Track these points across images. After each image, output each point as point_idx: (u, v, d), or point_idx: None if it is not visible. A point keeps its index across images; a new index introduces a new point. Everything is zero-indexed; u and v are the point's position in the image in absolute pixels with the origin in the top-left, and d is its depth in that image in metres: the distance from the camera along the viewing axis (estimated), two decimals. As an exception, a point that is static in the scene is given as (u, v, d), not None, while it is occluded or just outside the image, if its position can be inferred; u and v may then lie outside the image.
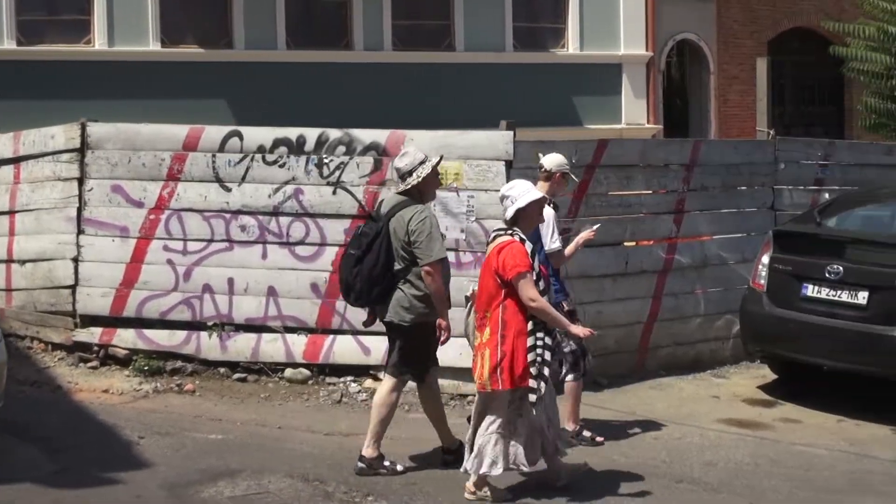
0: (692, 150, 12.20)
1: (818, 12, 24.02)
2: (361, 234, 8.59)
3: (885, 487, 8.57)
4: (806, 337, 10.62)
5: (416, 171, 8.41)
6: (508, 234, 7.93)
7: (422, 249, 8.28)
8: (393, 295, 8.44)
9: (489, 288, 7.90)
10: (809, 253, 10.86)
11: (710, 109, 23.52)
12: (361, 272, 8.44)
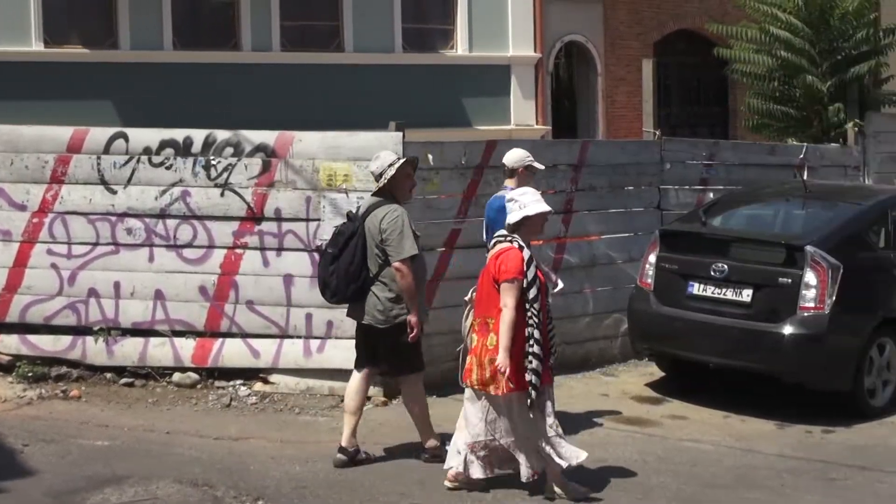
0: (580, 150, 12.31)
1: (703, 15, 24.37)
2: (338, 234, 8.83)
3: (769, 482, 8.73)
4: (692, 335, 10.78)
5: (385, 174, 8.65)
6: (508, 241, 8.07)
7: (393, 247, 8.52)
8: (368, 295, 8.66)
9: (490, 293, 8.05)
10: (695, 252, 11.03)
11: (597, 110, 23.75)
12: (338, 270, 8.68)
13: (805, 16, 16.43)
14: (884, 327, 10.65)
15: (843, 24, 16.52)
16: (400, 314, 8.67)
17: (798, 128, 16.65)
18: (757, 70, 16.91)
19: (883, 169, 16.04)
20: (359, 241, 8.65)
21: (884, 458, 9.34)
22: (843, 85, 16.45)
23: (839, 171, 15.25)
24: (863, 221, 11.15)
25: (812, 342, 10.21)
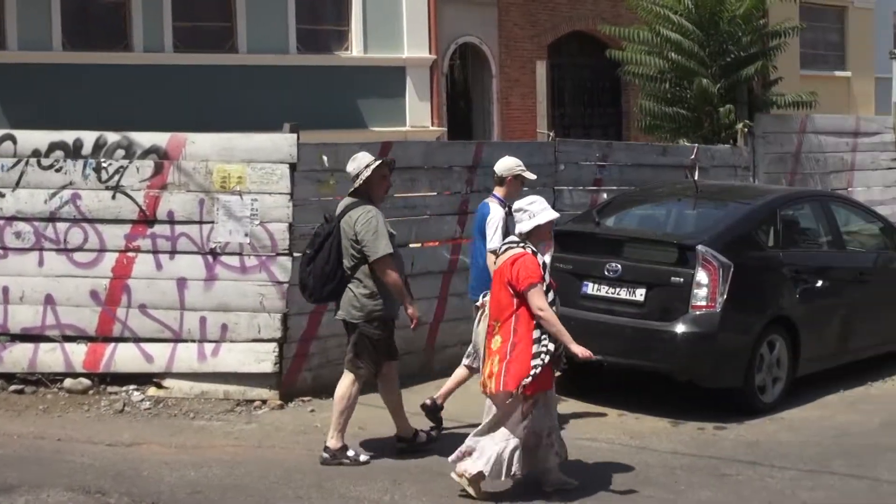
0: (475, 151, 12.36)
1: (596, 17, 24.62)
2: (315, 235, 9.12)
3: (663, 479, 8.82)
4: (587, 334, 10.73)
5: (361, 175, 8.87)
6: (521, 247, 8.21)
7: (369, 247, 8.74)
8: (344, 293, 8.88)
9: (502, 298, 8.18)
10: (589, 252, 11.13)
11: (492, 112, 23.85)
12: (314, 271, 8.94)
13: (695, 18, 16.64)
14: (773, 325, 10.85)
15: (732, 28, 16.78)
16: (375, 310, 8.89)
17: (689, 129, 16.85)
18: (649, 72, 17.08)
19: (771, 169, 16.36)
20: (334, 242, 8.88)
21: (774, 453, 9.50)
22: (733, 87, 16.69)
23: (729, 172, 15.52)
24: (752, 221, 11.34)
25: (704, 340, 10.35)
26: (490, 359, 8.20)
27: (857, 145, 18.07)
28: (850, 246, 12.36)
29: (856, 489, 8.68)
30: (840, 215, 12.46)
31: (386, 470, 8.84)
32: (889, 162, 18.64)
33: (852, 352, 11.98)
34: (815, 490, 8.60)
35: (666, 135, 17.18)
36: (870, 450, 9.59)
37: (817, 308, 11.33)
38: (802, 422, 10.54)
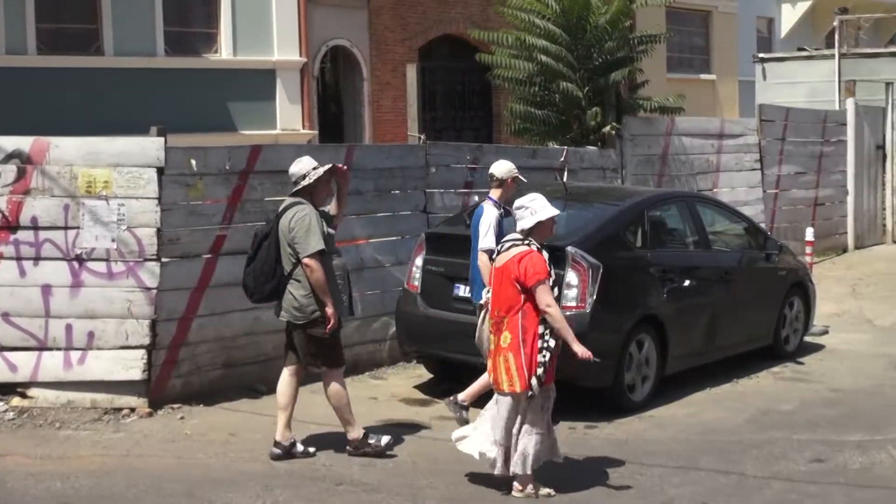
0: (346, 155, 12.32)
1: (466, 21, 24.77)
2: (254, 235, 9.23)
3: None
4: (459, 336, 10.88)
5: (308, 175, 9.05)
6: (526, 244, 8.32)
7: (300, 244, 8.85)
8: (285, 294, 9.02)
9: (509, 295, 8.28)
10: (460, 254, 11.13)
11: (363, 115, 23.84)
12: (254, 271, 9.10)
13: (563, 23, 16.81)
14: (642, 324, 11.00)
15: (598, 33, 16.98)
16: (316, 310, 8.97)
17: (558, 131, 17.01)
18: (517, 75, 17.22)
19: (639, 171, 16.62)
20: (272, 242, 9.01)
21: (643, 451, 9.63)
22: (601, 90, 16.90)
23: (598, 174, 15.72)
24: (621, 222, 11.49)
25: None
26: (500, 355, 8.29)
27: (722, 147, 18.46)
28: (716, 246, 12.59)
29: (722, 484, 8.84)
30: (706, 216, 12.69)
31: (258, 476, 8.76)
32: (753, 163, 19.09)
33: (719, 350, 12.21)
34: (682, 486, 8.74)
35: (536, 137, 17.33)
36: (736, 446, 9.79)
37: (684, 307, 11.52)
38: (671, 419, 10.71)
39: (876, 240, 22.85)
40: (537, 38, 16.74)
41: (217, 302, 10.96)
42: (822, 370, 12.72)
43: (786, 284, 13.19)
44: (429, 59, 25.11)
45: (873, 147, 22.50)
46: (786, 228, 19.55)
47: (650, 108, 17.66)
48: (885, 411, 11.01)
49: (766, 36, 36.32)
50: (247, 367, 11.26)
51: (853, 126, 21.79)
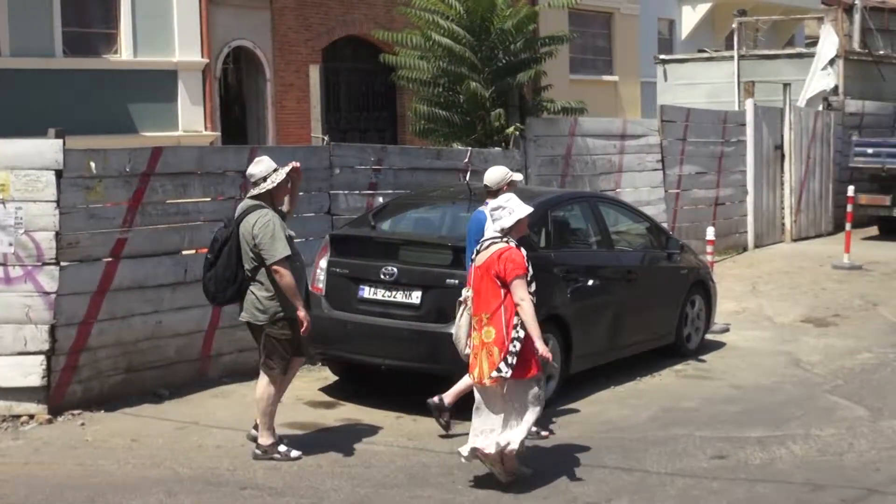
0: (249, 156, 12.21)
1: (370, 22, 24.74)
2: (214, 240, 9.25)
3: (441, 479, 8.90)
4: (364, 337, 10.88)
5: (270, 178, 9.09)
6: (505, 242, 8.68)
7: (266, 250, 8.92)
8: (247, 295, 9.10)
9: (490, 291, 8.63)
10: (365, 255, 11.14)
11: (267, 116, 23.70)
12: (215, 275, 9.13)
13: (467, 24, 16.85)
14: (546, 323, 10.99)
15: (503, 34, 17.04)
16: (278, 311, 9.06)
17: (463, 132, 17.04)
18: (422, 76, 17.22)
19: (543, 171, 16.71)
20: (233, 246, 9.06)
21: (547, 450, 9.67)
22: (505, 91, 16.96)
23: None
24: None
25: (479, 341, 10.46)
26: (485, 350, 8.56)
27: (625, 147, 18.64)
28: (619, 245, 12.71)
29: (626, 482, 8.92)
30: (609, 216, 12.80)
31: (160, 481, 8.66)
32: (654, 163, 19.29)
33: (622, 348, 12.32)
34: (587, 484, 8.80)
35: (440, 138, 17.34)
36: (639, 443, 9.88)
37: (588, 306, 11.60)
38: (575, 417, 10.78)
39: (775, 238, 23.22)
40: (441, 38, 16.75)
41: (118, 306, 10.82)
42: (723, 367, 12.90)
43: (687, 283, 13.35)
44: (333, 59, 25.05)
45: (772, 147, 22.87)
46: (687, 228, 19.80)
47: (554, 110, 17.77)
48: (785, 407, 11.19)
49: (667, 37, 36.74)
50: (149, 371, 11.13)
51: (752, 126, 22.11)
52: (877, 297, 17.32)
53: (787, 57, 28.23)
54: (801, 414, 10.92)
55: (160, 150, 11.42)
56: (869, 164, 23.73)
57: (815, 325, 15.29)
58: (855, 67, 28.20)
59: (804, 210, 23.98)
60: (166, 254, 11.33)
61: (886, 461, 9.42)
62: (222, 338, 11.77)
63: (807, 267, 20.12)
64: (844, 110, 26.10)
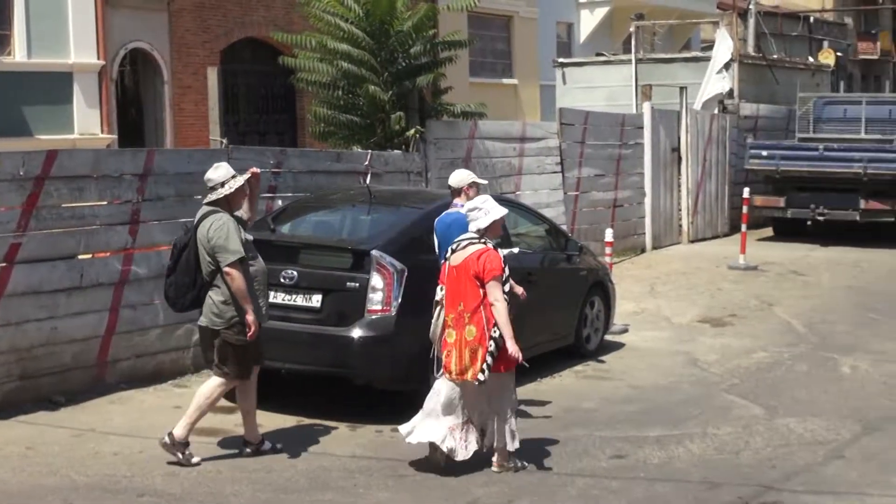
0: (146, 159, 12.09)
1: (269, 24, 24.60)
2: (174, 246, 9.33)
3: (343, 482, 8.88)
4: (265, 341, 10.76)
5: (228, 183, 9.15)
6: (482, 243, 8.99)
7: (220, 253, 8.98)
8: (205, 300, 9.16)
9: (469, 291, 8.93)
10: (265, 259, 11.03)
11: (165, 119, 23.45)
12: (175, 282, 9.22)
13: (366, 27, 16.81)
14: (447, 326, 11.06)
15: (402, 37, 17.03)
16: (234, 316, 9.08)
17: (363, 135, 16.99)
18: (321, 79, 17.14)
19: (443, 174, 16.69)
20: (191, 252, 9.13)
21: (450, 451, 9.70)
22: (405, 94, 16.96)
23: (403, 177, 15.78)
24: (425, 225, 11.50)
25: (380, 343, 10.47)
26: (467, 348, 8.89)
27: (524, 150, 18.75)
28: (519, 247, 12.76)
29: (527, 482, 8.96)
30: (509, 218, 12.80)
31: (57, 489, 8.52)
32: (554, 166, 19.44)
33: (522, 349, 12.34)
34: (488, 485, 8.83)
35: (340, 141, 17.28)
36: (540, 444, 9.92)
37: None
38: (477, 420, 10.80)
39: (673, 240, 23.53)
40: (340, 41, 16.70)
41: (12, 312, 10.62)
42: (622, 368, 13.03)
43: (586, 284, 13.47)
44: (231, 61, 24.87)
45: (669, 149, 23.17)
46: (586, 229, 19.98)
47: (454, 113, 17.82)
48: (683, 407, 11.34)
49: (565, 41, 37.06)
50: (44, 378, 10.93)
51: (650, 129, 22.39)
52: (772, 297, 17.63)
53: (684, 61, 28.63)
54: (699, 413, 11.08)
55: (55, 153, 11.23)
56: (763, 166, 24.14)
57: (712, 325, 15.52)
58: (749, 71, 28.70)
59: (701, 211, 24.33)
60: (62, 258, 11.14)
61: (781, 458, 9.59)
62: (119, 343, 11.61)
63: (703, 268, 20.42)
64: (739, 113, 26.55)
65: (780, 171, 23.73)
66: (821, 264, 21.02)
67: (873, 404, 11.42)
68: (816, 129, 26.17)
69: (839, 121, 26.29)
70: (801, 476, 9.14)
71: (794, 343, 14.29)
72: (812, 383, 12.29)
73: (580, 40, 37.04)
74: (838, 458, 9.64)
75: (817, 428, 10.49)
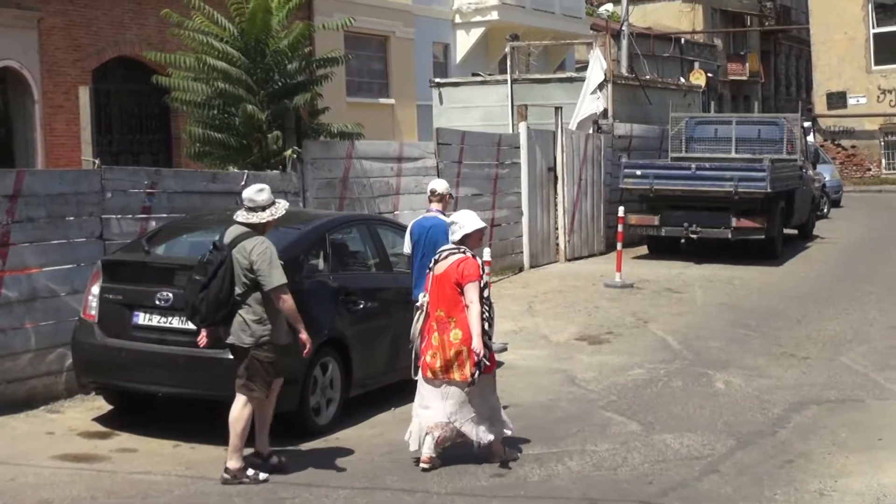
0: (15, 180, 11.82)
1: (142, 42, 24.27)
2: (207, 262, 9.42)
3: (221, 507, 8.77)
4: (139, 365, 10.63)
5: (270, 210, 9.58)
6: (462, 252, 9.87)
7: (265, 277, 9.30)
8: (234, 318, 9.35)
9: (451, 296, 9.76)
10: (139, 281, 10.89)
11: (35, 139, 22.96)
12: (208, 297, 9.28)
13: (241, 46, 16.67)
14: (326, 347, 11.02)
15: (278, 56, 16.92)
16: (264, 335, 9.37)
17: (239, 155, 16.83)
18: (196, 98, 16.93)
19: (321, 194, 16.67)
20: (227, 270, 9.30)
21: (330, 473, 9.65)
22: (281, 114, 16.84)
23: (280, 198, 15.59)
24: (302, 245, 11.47)
25: (259, 365, 10.35)
26: (453, 349, 9.69)
27: (402, 170, 18.76)
28: (398, 267, 12.76)
29: (408, 503, 8.94)
30: (387, 238, 12.86)
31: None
32: (431, 186, 19.43)
33: (402, 370, 12.33)
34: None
35: (216, 161, 17.09)
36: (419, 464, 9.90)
37: (367, 329, 11.62)
38: (356, 440, 10.77)
39: (550, 258, 23.71)
40: (215, 60, 16.53)
41: None
42: (501, 386, 12.93)
43: (465, 303, 13.47)
44: (104, 81, 24.49)
45: (545, 169, 23.36)
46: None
47: (331, 133, 17.75)
48: (562, 424, 11.42)
49: (442, 61, 37.22)
50: None
51: (526, 149, 22.55)
52: (647, 314, 17.86)
53: (559, 81, 28.94)
54: (577, 430, 11.16)
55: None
56: (638, 185, 24.45)
57: (590, 343, 15.67)
58: (623, 92, 29.10)
59: (577, 230, 24.58)
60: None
61: (658, 474, 9.71)
62: (-13, 368, 11.33)
63: (581, 286, 20.61)
64: (614, 133, 26.89)
65: (654, 189, 24.05)
66: (695, 281, 21.36)
67: (746, 419, 11.62)
68: (689, 148, 26.64)
69: (710, 140, 26.77)
70: (677, 491, 9.26)
71: (670, 360, 14.48)
72: (687, 399, 12.47)
73: (456, 60, 37.22)
74: (713, 472, 9.79)
75: (693, 443, 10.64)
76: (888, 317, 16.49)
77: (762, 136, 26.58)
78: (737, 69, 60.87)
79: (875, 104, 48.11)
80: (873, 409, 12.08)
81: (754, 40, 64.92)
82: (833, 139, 48.95)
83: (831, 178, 36.69)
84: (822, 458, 10.18)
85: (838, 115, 48.82)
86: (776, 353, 14.88)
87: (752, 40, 64.70)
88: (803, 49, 64.27)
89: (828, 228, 30.45)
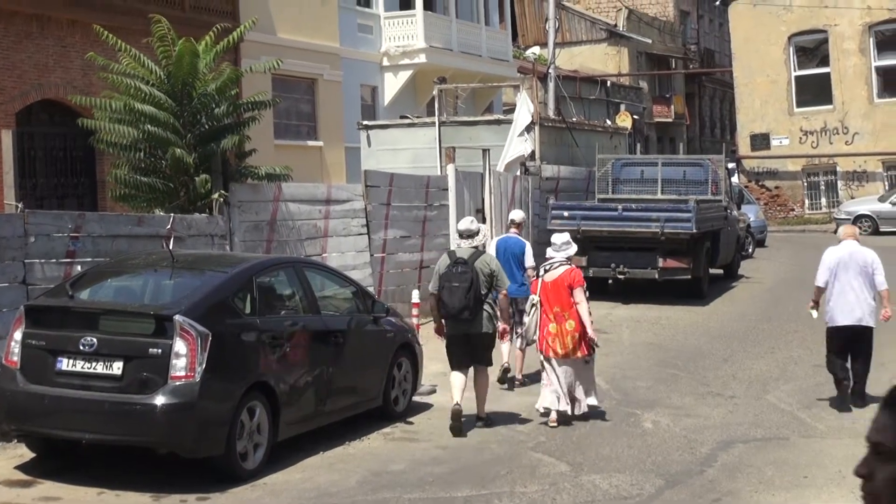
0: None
1: (66, 85, 24.05)
2: (462, 273, 12.76)
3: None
4: (62, 411, 10.47)
5: (482, 231, 13.46)
6: (570, 264, 13.68)
7: (499, 280, 13.01)
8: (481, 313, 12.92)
9: (565, 296, 13.30)
10: (63, 326, 10.76)
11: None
12: (472, 296, 12.65)
13: (168, 88, 16.59)
14: (253, 391, 10.93)
15: (206, 99, 16.86)
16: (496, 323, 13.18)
17: (165, 198, 16.72)
18: (122, 141, 16.79)
19: (248, 237, 16.60)
20: (475, 278, 12.71)
21: (257, 519, 9.55)
22: (209, 156, 16.75)
23: (206, 241, 15.57)
24: (229, 289, 11.40)
25: (183, 410, 10.26)
26: (570, 335, 13.13)
27: (330, 213, 18.72)
28: (326, 310, 12.72)
29: (336, 548, 8.87)
30: (315, 281, 12.81)
31: None
32: (360, 228, 19.45)
33: (331, 413, 12.30)
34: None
35: (142, 204, 16.96)
36: (349, 508, 9.85)
37: (295, 372, 11.56)
38: (284, 485, 10.67)
39: (479, 300, 23.67)
40: (142, 104, 16.42)
41: None
42: (430, 429, 13.05)
43: (394, 346, 13.49)
44: (28, 124, 24.22)
45: (474, 210, 23.39)
46: (393, 291, 20.02)
47: (258, 176, 17.69)
48: (491, 466, 11.40)
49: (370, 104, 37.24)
50: None
51: (454, 191, 22.60)
52: (575, 354, 17.89)
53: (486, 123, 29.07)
54: (507, 472, 11.15)
55: None
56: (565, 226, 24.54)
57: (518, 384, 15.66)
58: (550, 133, 29.34)
59: (505, 272, 24.57)
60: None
61: (587, 514, 9.71)
62: None
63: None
64: (541, 175, 27.06)
65: (582, 230, 24.14)
66: (622, 322, 21.49)
67: (674, 458, 11.69)
68: (615, 189, 26.83)
69: (637, 182, 27.00)
70: (606, 531, 9.26)
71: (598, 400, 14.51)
72: (616, 439, 12.51)
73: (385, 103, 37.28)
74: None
75: (622, 483, 10.67)
76: (813, 355, 16.67)
77: (687, 177, 26.85)
78: (662, 111, 61.53)
79: (798, 145, 48.87)
80: (799, 446, 12.20)
81: (679, 83, 65.74)
82: (757, 180, 49.61)
83: (756, 218, 37.07)
84: (749, 497, 10.25)
85: (762, 156, 49.52)
86: (703, 393, 14.99)
87: (677, 83, 65.52)
88: (727, 91, 65.16)
89: (753, 268, 30.78)
